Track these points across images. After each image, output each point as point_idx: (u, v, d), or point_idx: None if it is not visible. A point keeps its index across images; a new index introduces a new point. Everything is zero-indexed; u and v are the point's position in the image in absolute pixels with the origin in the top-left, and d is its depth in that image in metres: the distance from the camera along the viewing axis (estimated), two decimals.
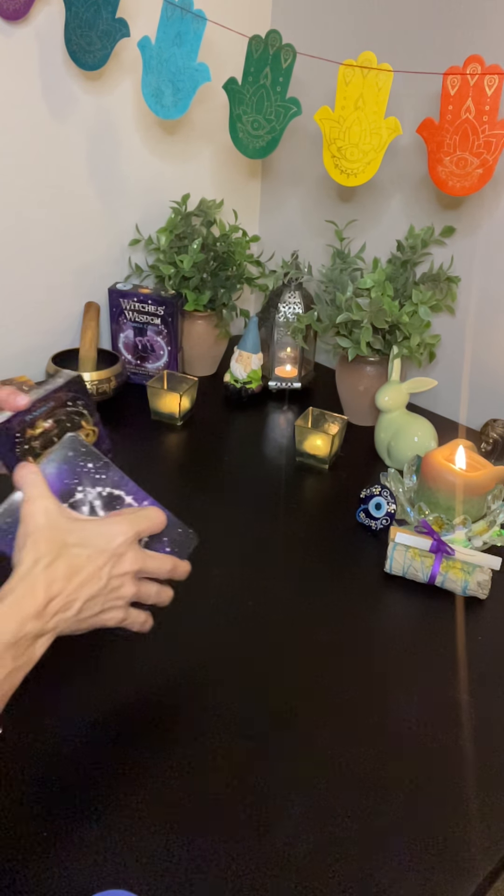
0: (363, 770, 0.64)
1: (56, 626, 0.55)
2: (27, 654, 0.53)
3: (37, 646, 0.54)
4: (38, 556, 0.55)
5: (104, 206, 1.27)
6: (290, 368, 1.31)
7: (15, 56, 1.07)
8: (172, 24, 0.95)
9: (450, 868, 0.57)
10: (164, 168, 1.32)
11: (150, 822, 0.58)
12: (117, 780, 0.61)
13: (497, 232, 1.12)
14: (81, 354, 1.23)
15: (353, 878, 0.55)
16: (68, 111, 1.16)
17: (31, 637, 0.53)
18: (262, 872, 0.55)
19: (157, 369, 1.29)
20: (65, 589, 0.55)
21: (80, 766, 0.62)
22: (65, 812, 0.58)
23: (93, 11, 0.99)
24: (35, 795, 0.59)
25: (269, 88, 0.98)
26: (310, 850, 0.57)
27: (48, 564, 0.55)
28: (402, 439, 1.06)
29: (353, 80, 0.95)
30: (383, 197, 1.26)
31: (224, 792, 0.61)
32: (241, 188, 1.46)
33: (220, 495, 1.01)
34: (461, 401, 1.25)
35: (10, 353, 1.25)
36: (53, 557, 0.55)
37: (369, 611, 0.82)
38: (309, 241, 1.41)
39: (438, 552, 0.85)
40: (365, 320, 1.06)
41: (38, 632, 0.53)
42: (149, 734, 0.65)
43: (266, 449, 1.14)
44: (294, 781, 0.62)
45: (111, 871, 0.55)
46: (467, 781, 0.63)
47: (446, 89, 0.92)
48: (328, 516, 0.98)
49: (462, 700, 0.71)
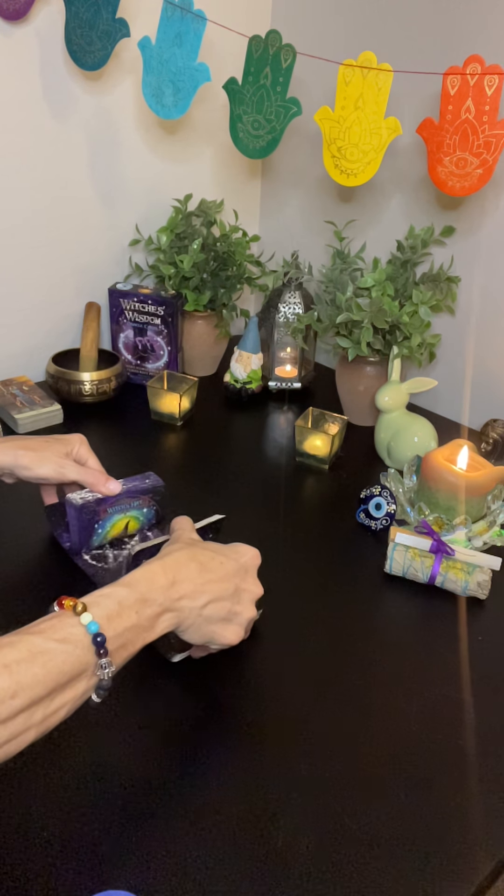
0: (363, 770, 0.64)
1: (181, 609, 0.60)
2: (150, 620, 0.58)
3: (161, 619, 0.59)
4: (171, 550, 0.63)
5: (104, 206, 1.27)
6: (290, 368, 1.31)
7: (15, 56, 1.07)
8: (172, 24, 0.95)
9: (450, 868, 0.57)
10: (165, 168, 1.32)
11: (150, 821, 0.58)
12: (117, 780, 0.61)
13: (497, 232, 1.12)
14: (82, 354, 1.23)
15: (352, 879, 0.55)
16: (68, 111, 1.16)
17: (157, 604, 0.58)
18: (262, 872, 0.55)
19: (157, 369, 1.29)
20: (195, 579, 0.62)
21: (81, 766, 0.62)
22: (65, 812, 0.58)
23: (93, 11, 0.99)
24: (36, 795, 0.59)
25: (270, 88, 0.98)
26: (310, 850, 0.57)
27: (179, 557, 0.62)
28: (402, 439, 1.06)
29: (353, 80, 0.95)
30: (383, 197, 1.26)
31: (224, 792, 0.61)
32: (242, 188, 1.46)
33: (220, 495, 1.01)
34: (461, 401, 1.25)
35: (10, 353, 1.25)
36: (188, 556, 0.63)
37: (369, 611, 0.82)
38: (309, 241, 1.41)
39: (438, 552, 0.85)
40: (365, 320, 1.06)
41: (164, 602, 0.59)
42: (147, 736, 0.65)
43: (266, 449, 1.15)
44: (294, 781, 0.62)
45: (111, 871, 0.55)
46: (467, 781, 0.63)
47: (446, 89, 0.92)
48: (328, 516, 0.98)
49: (462, 700, 0.71)
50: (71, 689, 0.51)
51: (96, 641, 0.53)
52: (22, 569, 0.84)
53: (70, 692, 0.51)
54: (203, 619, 0.62)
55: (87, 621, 0.53)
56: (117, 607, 0.55)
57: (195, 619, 0.62)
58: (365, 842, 0.58)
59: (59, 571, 0.83)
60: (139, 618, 0.57)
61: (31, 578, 0.82)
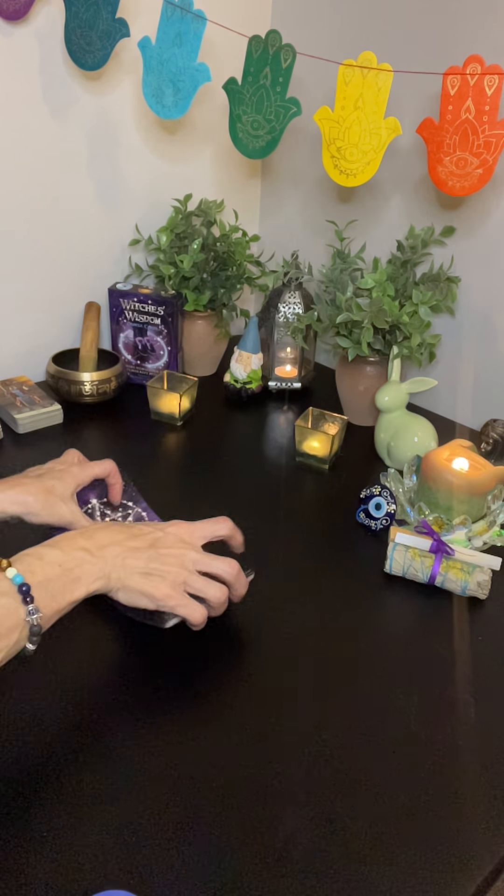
0: (363, 770, 0.64)
1: (103, 557, 0.65)
2: (74, 571, 0.63)
3: (85, 569, 0.63)
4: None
5: (104, 206, 1.27)
6: (290, 368, 1.31)
7: (15, 56, 1.07)
8: (172, 24, 0.95)
9: (450, 868, 0.57)
10: (165, 168, 1.32)
11: (150, 821, 0.58)
12: (117, 780, 0.61)
13: (497, 232, 1.12)
14: (82, 354, 1.23)
15: (352, 879, 0.55)
16: (68, 111, 1.16)
17: (78, 552, 0.64)
18: (262, 872, 0.55)
19: (157, 369, 1.29)
20: (113, 536, 0.67)
21: (80, 766, 0.62)
22: (65, 812, 0.58)
23: (93, 11, 0.99)
24: (35, 795, 0.59)
25: (269, 88, 0.98)
26: (310, 850, 0.57)
27: (97, 525, 0.69)
28: (402, 439, 1.06)
29: (353, 80, 0.95)
30: (383, 197, 1.26)
31: (224, 792, 0.61)
32: (242, 188, 1.46)
33: (219, 495, 1.01)
34: (461, 401, 1.25)
35: (10, 353, 1.25)
36: (105, 525, 0.70)
37: (369, 611, 0.82)
38: (309, 241, 1.41)
39: (438, 552, 0.85)
40: (365, 320, 1.06)
41: (85, 549, 0.64)
42: (148, 735, 0.65)
43: (266, 449, 1.15)
44: (294, 781, 0.62)
45: (111, 871, 0.55)
46: (467, 781, 0.63)
47: (446, 89, 0.92)
48: (328, 516, 0.98)
49: (462, 700, 0.71)
50: (4, 637, 0.56)
51: (21, 591, 0.58)
52: None
53: (3, 640, 0.56)
54: (127, 572, 0.66)
55: (11, 574, 0.59)
56: (39, 562, 0.61)
57: (120, 573, 0.66)
58: (365, 842, 0.58)
59: None
60: (62, 570, 0.62)
61: None
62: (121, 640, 0.74)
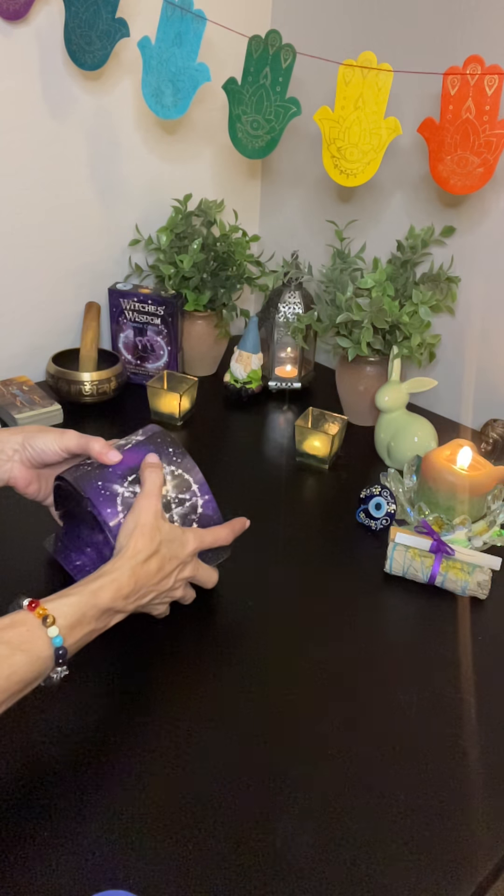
0: (363, 769, 0.64)
1: (132, 608, 0.67)
2: (105, 622, 0.65)
3: (114, 619, 0.66)
4: (139, 549, 0.67)
5: (104, 206, 1.27)
6: (290, 368, 1.31)
7: (15, 56, 1.07)
8: (172, 24, 0.95)
9: (450, 868, 0.57)
10: (164, 168, 1.32)
11: (150, 821, 0.58)
12: (117, 780, 0.61)
13: (497, 232, 1.12)
14: (82, 354, 1.23)
15: (352, 879, 0.55)
16: (68, 111, 1.16)
17: (114, 611, 0.65)
18: (262, 872, 0.55)
19: (157, 369, 1.29)
20: (148, 583, 0.67)
21: (81, 766, 0.62)
22: (65, 812, 0.58)
23: (92, 11, 0.99)
24: (35, 795, 0.59)
25: (269, 88, 0.98)
26: (310, 850, 0.57)
27: (145, 560, 0.67)
28: (402, 439, 1.06)
29: (353, 80, 0.95)
30: (383, 197, 1.26)
31: (224, 792, 0.61)
32: (241, 188, 1.46)
33: (219, 495, 1.01)
34: (461, 401, 1.25)
35: (10, 353, 1.25)
36: (149, 554, 0.67)
37: (369, 611, 0.82)
38: (309, 241, 1.41)
39: (438, 552, 0.85)
40: (365, 320, 1.06)
41: (120, 609, 0.65)
42: (148, 736, 0.65)
43: (266, 449, 1.14)
44: (294, 781, 0.62)
45: (111, 871, 0.55)
46: (467, 781, 0.63)
47: (446, 89, 0.92)
48: (328, 516, 0.98)
49: (462, 700, 0.71)
50: (25, 690, 0.57)
51: (58, 654, 0.58)
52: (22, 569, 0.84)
53: (23, 693, 0.57)
54: (140, 606, 0.69)
55: (53, 635, 0.58)
56: (80, 617, 0.61)
57: (136, 609, 0.69)
58: (365, 842, 0.58)
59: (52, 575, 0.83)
60: (97, 623, 0.63)
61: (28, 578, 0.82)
62: (120, 640, 0.74)
